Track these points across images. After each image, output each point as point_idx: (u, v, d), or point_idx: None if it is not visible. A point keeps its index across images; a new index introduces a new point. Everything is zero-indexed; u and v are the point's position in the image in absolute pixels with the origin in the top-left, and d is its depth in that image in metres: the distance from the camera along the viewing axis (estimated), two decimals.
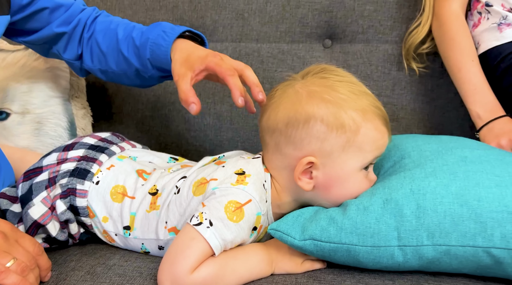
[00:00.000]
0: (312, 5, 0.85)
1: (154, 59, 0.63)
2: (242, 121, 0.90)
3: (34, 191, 0.56)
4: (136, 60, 0.66)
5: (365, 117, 0.51)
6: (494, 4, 0.70)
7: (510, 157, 0.52)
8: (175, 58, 0.60)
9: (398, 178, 0.50)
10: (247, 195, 0.49)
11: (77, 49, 0.71)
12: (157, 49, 0.62)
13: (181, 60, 0.59)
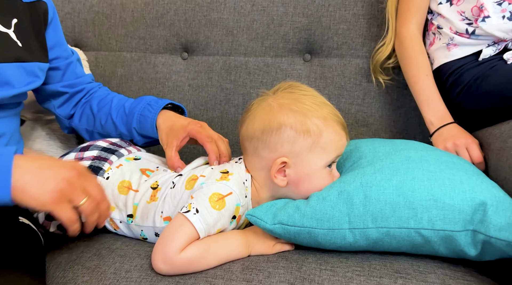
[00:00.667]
0: (293, 23, 0.95)
1: (140, 128, 0.74)
2: (231, 126, 0.99)
3: None
4: (123, 126, 0.75)
5: (326, 123, 0.61)
6: (443, 27, 0.80)
7: (446, 156, 0.62)
8: (161, 128, 0.72)
9: (352, 174, 0.61)
10: (228, 189, 0.59)
11: (70, 110, 0.79)
12: (144, 120, 0.73)
13: (167, 130, 0.72)
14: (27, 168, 0.49)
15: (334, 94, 0.94)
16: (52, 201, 0.49)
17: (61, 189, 0.50)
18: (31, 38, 0.65)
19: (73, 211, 0.50)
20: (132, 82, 1.01)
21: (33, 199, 0.48)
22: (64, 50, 0.75)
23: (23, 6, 0.65)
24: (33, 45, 0.65)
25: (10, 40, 0.62)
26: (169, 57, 1.01)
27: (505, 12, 0.73)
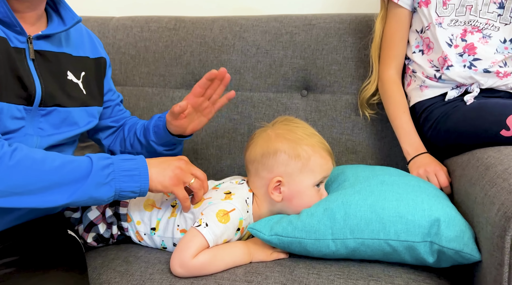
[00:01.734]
0: (292, 64, 1.09)
1: (157, 138, 0.85)
2: (238, 152, 1.11)
3: None
4: (145, 142, 0.87)
5: (314, 150, 0.75)
6: (417, 71, 0.94)
7: (414, 181, 0.76)
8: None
9: (336, 194, 0.74)
10: (232, 206, 0.73)
11: (113, 140, 0.94)
12: (158, 129, 0.85)
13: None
14: (151, 164, 0.69)
15: (327, 125, 1.07)
16: (172, 184, 0.70)
17: (176, 174, 0.70)
18: (94, 86, 0.81)
19: (185, 190, 0.71)
20: (152, 113, 1.14)
21: (159, 184, 0.69)
22: (113, 94, 0.91)
23: (90, 62, 0.82)
24: (94, 92, 0.81)
25: (79, 89, 0.77)
26: (185, 92, 1.15)
27: (465, 62, 0.87)
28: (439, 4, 0.88)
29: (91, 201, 0.65)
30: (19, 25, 0.67)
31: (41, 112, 0.70)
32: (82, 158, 0.66)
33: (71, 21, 0.76)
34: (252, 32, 1.12)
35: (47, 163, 0.61)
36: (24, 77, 0.67)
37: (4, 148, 0.59)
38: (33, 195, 0.60)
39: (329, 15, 1.10)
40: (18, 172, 0.59)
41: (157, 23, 1.18)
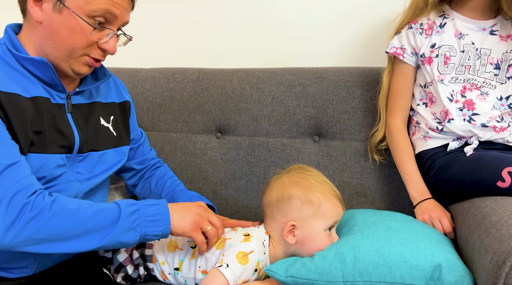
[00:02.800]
0: (304, 113, 1.17)
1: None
2: (254, 193, 1.17)
3: None
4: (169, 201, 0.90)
5: (325, 196, 0.82)
6: (421, 122, 1.02)
7: (419, 227, 0.82)
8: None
9: (346, 238, 0.80)
10: (250, 248, 0.79)
11: (136, 181, 1.03)
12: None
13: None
14: (173, 210, 0.75)
15: (338, 170, 1.14)
16: (191, 229, 0.76)
17: (196, 220, 0.76)
18: (121, 128, 0.91)
19: (203, 235, 0.77)
20: (176, 156, 1.25)
21: (180, 229, 0.75)
22: (137, 134, 1.01)
23: (116, 106, 0.92)
24: (122, 133, 0.91)
25: (110, 132, 0.87)
26: (206, 137, 1.24)
27: (465, 116, 0.95)
28: (441, 63, 0.97)
29: (119, 245, 0.71)
30: (62, 85, 0.77)
31: (79, 158, 0.80)
32: (111, 205, 0.72)
33: (103, 76, 0.86)
34: (268, 83, 1.22)
35: (80, 213, 0.68)
36: (64, 130, 0.76)
37: (45, 199, 0.66)
38: (68, 241, 0.67)
39: (339, 68, 1.20)
40: (56, 222, 0.65)
41: (182, 74, 1.30)
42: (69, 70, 0.76)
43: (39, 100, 0.73)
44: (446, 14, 0.99)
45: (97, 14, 0.72)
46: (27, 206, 0.64)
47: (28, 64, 0.73)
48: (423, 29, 0.99)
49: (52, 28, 0.72)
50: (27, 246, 0.65)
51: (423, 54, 0.99)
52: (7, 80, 0.70)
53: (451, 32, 0.97)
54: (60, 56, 0.74)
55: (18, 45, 0.74)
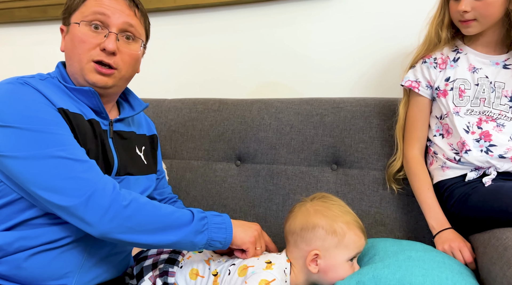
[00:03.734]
0: (322, 142, 1.21)
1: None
2: (273, 220, 1.19)
3: (144, 271, 0.90)
4: None
5: (349, 227, 0.84)
6: (438, 153, 1.04)
7: (439, 257, 0.82)
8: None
9: (367, 267, 0.81)
10: (272, 276, 0.81)
11: None
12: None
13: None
14: (235, 224, 0.85)
15: (356, 198, 1.16)
16: (250, 242, 0.85)
17: (255, 236, 0.86)
18: (150, 158, 0.98)
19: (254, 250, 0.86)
20: (197, 183, 1.28)
21: (240, 240, 0.84)
22: (161, 166, 1.08)
23: (146, 138, 1.00)
24: (151, 163, 0.98)
25: (141, 160, 0.94)
26: (226, 165, 1.27)
27: (482, 147, 0.96)
28: (456, 95, 1.00)
29: (190, 245, 0.79)
30: (105, 112, 0.86)
31: (117, 180, 0.85)
32: (185, 210, 0.81)
33: (139, 107, 0.95)
34: (286, 113, 1.26)
35: (162, 209, 0.77)
36: (108, 153, 0.83)
37: (132, 194, 0.75)
38: (150, 234, 0.75)
39: (355, 99, 1.24)
40: (144, 213, 0.74)
41: (204, 105, 1.35)
42: (85, 83, 0.83)
43: (94, 122, 0.83)
44: (459, 49, 1.03)
45: (90, 18, 0.81)
46: (119, 196, 0.73)
47: (77, 93, 0.83)
48: (437, 63, 1.03)
49: (67, 49, 0.83)
50: (118, 233, 0.72)
51: (438, 87, 1.02)
52: (69, 104, 0.80)
53: (464, 66, 1.00)
54: (75, 71, 0.82)
55: (66, 77, 0.84)
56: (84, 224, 0.72)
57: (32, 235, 0.75)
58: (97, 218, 0.71)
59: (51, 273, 0.77)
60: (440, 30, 0.99)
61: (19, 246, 0.75)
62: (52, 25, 1.70)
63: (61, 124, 0.75)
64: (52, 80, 0.83)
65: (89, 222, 0.71)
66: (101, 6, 0.81)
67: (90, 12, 0.81)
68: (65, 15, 0.85)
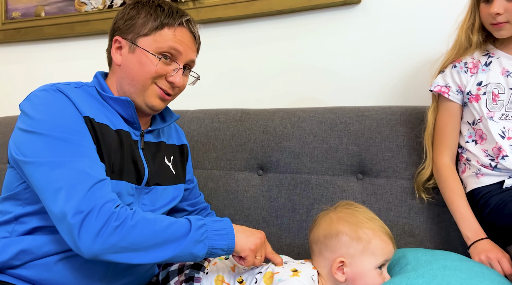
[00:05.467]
0: (347, 151, 1.18)
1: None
2: (297, 231, 1.16)
3: (171, 276, 0.89)
4: None
5: (374, 233, 0.80)
6: (472, 159, 1.00)
7: (477, 267, 0.77)
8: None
9: (400, 277, 0.77)
10: (300, 283, 0.78)
11: None
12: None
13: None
14: (237, 229, 0.80)
15: (384, 208, 1.11)
16: (251, 250, 0.80)
17: (257, 244, 0.81)
18: (179, 168, 0.98)
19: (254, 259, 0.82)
20: (219, 193, 1.26)
21: (241, 248, 0.79)
22: (191, 175, 1.07)
23: (176, 148, 1.00)
24: (180, 173, 0.98)
25: (170, 170, 0.95)
26: (248, 174, 1.26)
27: None
28: (489, 100, 0.97)
29: (190, 256, 0.75)
30: (138, 123, 0.87)
31: (145, 191, 0.86)
32: (181, 219, 0.78)
33: (170, 118, 0.96)
34: (309, 122, 1.24)
35: (157, 223, 0.74)
36: (138, 162, 0.84)
37: (127, 210, 0.73)
38: (146, 251, 0.72)
39: (380, 107, 1.22)
40: (137, 231, 0.71)
41: (226, 115, 1.35)
42: (143, 105, 0.85)
43: (122, 133, 0.83)
44: (490, 53, 1.00)
45: (163, 49, 0.83)
46: (113, 215, 0.70)
47: (113, 103, 0.84)
48: (467, 68, 1.00)
49: (128, 67, 0.84)
50: (111, 254, 0.69)
51: (469, 92, 0.99)
52: (98, 113, 0.81)
53: (497, 70, 0.97)
54: (135, 91, 0.84)
55: (105, 87, 0.86)
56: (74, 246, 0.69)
57: (60, 239, 0.74)
58: (88, 242, 0.68)
59: (79, 280, 0.77)
60: (471, 33, 0.97)
61: (48, 250, 0.75)
62: (80, 41, 1.76)
63: (86, 135, 0.76)
64: (87, 89, 0.85)
65: (79, 245, 0.68)
66: (177, 42, 0.83)
67: (166, 46, 0.83)
68: (127, 30, 0.84)
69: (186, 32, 0.85)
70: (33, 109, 0.76)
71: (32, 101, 0.77)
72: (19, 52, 1.86)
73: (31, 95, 0.79)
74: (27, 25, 1.78)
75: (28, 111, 0.76)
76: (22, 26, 1.79)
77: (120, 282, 0.82)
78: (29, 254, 0.75)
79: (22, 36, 1.80)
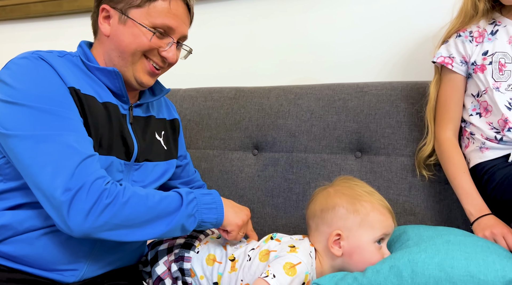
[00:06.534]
0: (345, 128, 1.14)
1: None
2: (293, 211, 1.13)
3: (159, 256, 0.85)
4: None
5: (373, 206, 0.77)
6: (476, 133, 0.96)
7: (482, 242, 0.74)
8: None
9: (401, 252, 0.73)
10: (298, 259, 0.74)
11: None
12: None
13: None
14: (226, 204, 0.80)
15: (383, 186, 1.08)
16: (238, 226, 0.81)
17: (244, 220, 0.82)
18: (171, 143, 0.94)
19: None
20: (213, 173, 1.23)
21: (229, 222, 0.80)
22: (184, 151, 1.03)
23: (167, 123, 0.96)
24: (171, 148, 0.93)
25: (161, 145, 0.90)
26: (243, 154, 1.22)
27: None
28: (495, 70, 0.92)
29: (181, 230, 0.74)
30: (127, 96, 0.82)
31: (135, 167, 0.82)
32: (172, 193, 0.76)
33: (160, 92, 0.92)
34: (306, 99, 1.20)
35: (149, 199, 0.71)
36: (127, 138, 0.80)
37: (118, 187, 0.69)
38: (140, 228, 0.69)
39: (380, 83, 1.17)
40: (129, 207, 0.68)
41: (219, 93, 1.31)
42: (132, 79, 0.81)
43: (109, 106, 0.78)
44: (497, 21, 0.95)
45: (158, 24, 0.78)
46: (104, 192, 0.67)
47: (100, 73, 0.79)
48: (473, 37, 0.95)
49: (117, 38, 0.78)
50: (104, 231, 0.67)
51: (474, 62, 0.95)
52: (84, 84, 0.76)
53: (504, 39, 0.93)
54: (124, 64, 0.79)
55: (90, 57, 0.81)
56: (63, 224, 0.65)
57: (43, 214, 0.70)
58: (79, 220, 0.65)
59: (62, 256, 0.73)
60: (478, 0, 0.92)
61: (30, 225, 0.71)
62: (68, 19, 1.69)
63: (71, 108, 0.71)
64: (71, 58, 0.80)
65: (69, 224, 0.65)
66: (172, 17, 0.78)
67: (161, 20, 0.78)
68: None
69: (181, 5, 0.80)
70: (13, 78, 0.70)
71: (11, 69, 0.72)
72: (5, 31, 1.79)
73: (10, 63, 0.73)
74: (13, 2, 1.72)
75: (7, 80, 0.70)
76: (7, 4, 1.73)
77: (106, 260, 0.78)
78: (10, 229, 0.71)
79: (7, 14, 1.74)
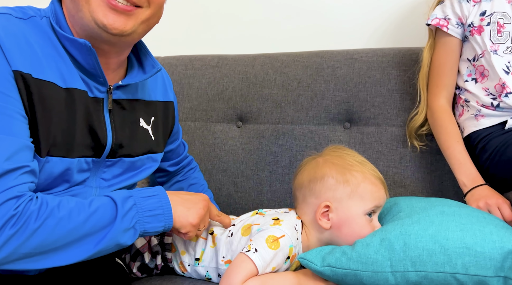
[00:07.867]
0: (334, 97, 1.09)
1: None
2: (279, 185, 1.08)
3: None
4: None
5: (364, 177, 0.72)
6: (471, 100, 0.91)
7: (477, 212, 0.70)
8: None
9: (392, 224, 0.69)
10: (281, 232, 0.70)
11: (166, 179, 0.96)
12: None
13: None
14: (175, 201, 0.66)
15: (372, 158, 1.04)
16: (194, 225, 0.68)
17: (200, 215, 0.68)
18: (161, 131, 0.79)
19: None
20: (194, 146, 1.17)
21: (181, 225, 0.66)
22: (179, 135, 0.92)
23: (160, 105, 0.79)
24: (160, 139, 0.79)
25: (148, 135, 0.75)
26: (226, 126, 1.17)
27: None
28: (493, 31, 0.87)
29: (116, 247, 0.60)
30: (103, 77, 0.66)
31: (107, 164, 0.69)
32: (105, 200, 0.61)
33: (151, 69, 0.73)
34: (293, 67, 1.14)
35: (72, 218, 0.57)
36: (98, 130, 0.66)
37: (32, 207, 0.55)
38: (58, 252, 0.56)
39: (371, 49, 1.11)
40: (43, 233, 0.55)
41: (201, 61, 1.23)
42: (93, 25, 0.61)
43: (74, 92, 0.63)
44: None
45: None
46: (11, 219, 0.53)
47: (70, 45, 0.63)
48: None
49: None
50: (10, 263, 0.54)
51: (471, 23, 0.89)
52: (45, 64, 0.61)
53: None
54: (78, 7, 0.61)
55: (61, 18, 0.64)
56: None
57: None
58: None
59: None
60: None
61: None
62: None
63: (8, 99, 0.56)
64: (39, 21, 0.63)
65: None
66: None
67: None
68: None
69: None
70: None
71: None
72: None
73: None
74: None
75: None
76: None
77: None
78: None
79: None
